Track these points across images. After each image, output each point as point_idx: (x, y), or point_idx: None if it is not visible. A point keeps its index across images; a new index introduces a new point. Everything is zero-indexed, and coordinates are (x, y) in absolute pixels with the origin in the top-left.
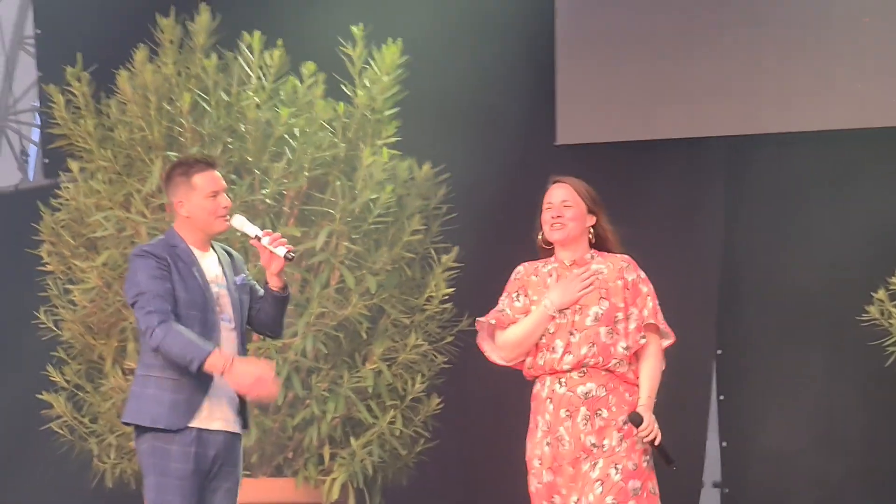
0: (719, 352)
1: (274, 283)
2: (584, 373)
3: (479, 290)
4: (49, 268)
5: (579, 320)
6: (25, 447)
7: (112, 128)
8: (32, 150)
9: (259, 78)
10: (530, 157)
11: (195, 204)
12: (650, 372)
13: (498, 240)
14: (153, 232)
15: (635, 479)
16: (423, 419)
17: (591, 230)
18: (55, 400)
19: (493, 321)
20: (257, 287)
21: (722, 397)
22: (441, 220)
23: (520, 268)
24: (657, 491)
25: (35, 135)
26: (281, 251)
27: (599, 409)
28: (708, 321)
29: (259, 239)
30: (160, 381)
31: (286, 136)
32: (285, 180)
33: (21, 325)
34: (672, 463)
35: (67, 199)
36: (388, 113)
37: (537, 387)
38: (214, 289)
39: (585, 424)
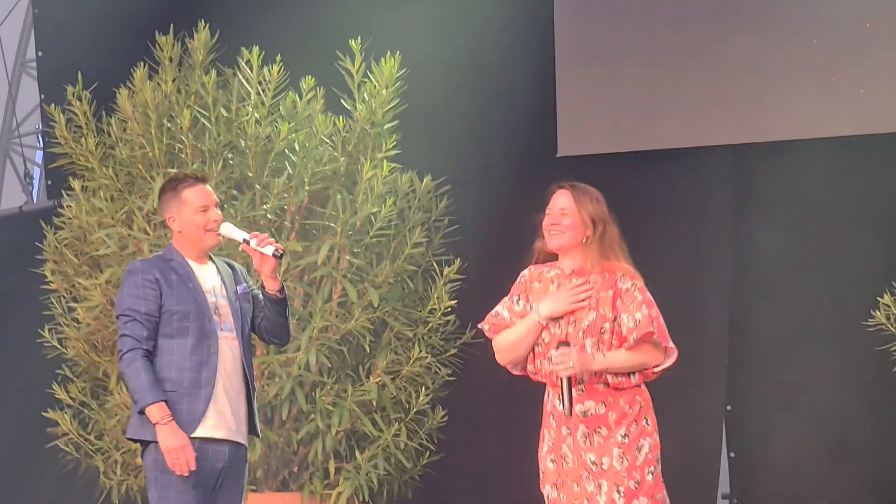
0: (726, 361)
1: (270, 286)
2: (583, 390)
3: (482, 301)
4: (53, 286)
5: (572, 332)
6: (32, 465)
7: (113, 146)
8: (36, 172)
9: (258, 93)
10: (532, 168)
11: (185, 218)
12: (627, 351)
13: (500, 251)
14: (155, 249)
15: (639, 498)
16: (428, 432)
17: (592, 239)
18: (61, 417)
19: (486, 327)
20: (260, 297)
21: (729, 407)
22: (443, 232)
23: (525, 271)
24: (668, 501)
25: (39, 157)
26: (269, 250)
27: (599, 427)
28: (717, 331)
29: (248, 243)
30: None
31: (286, 150)
32: (286, 195)
33: (26, 343)
34: (567, 411)
35: (70, 218)
36: (387, 126)
37: (546, 398)
38: (212, 299)
39: (585, 442)
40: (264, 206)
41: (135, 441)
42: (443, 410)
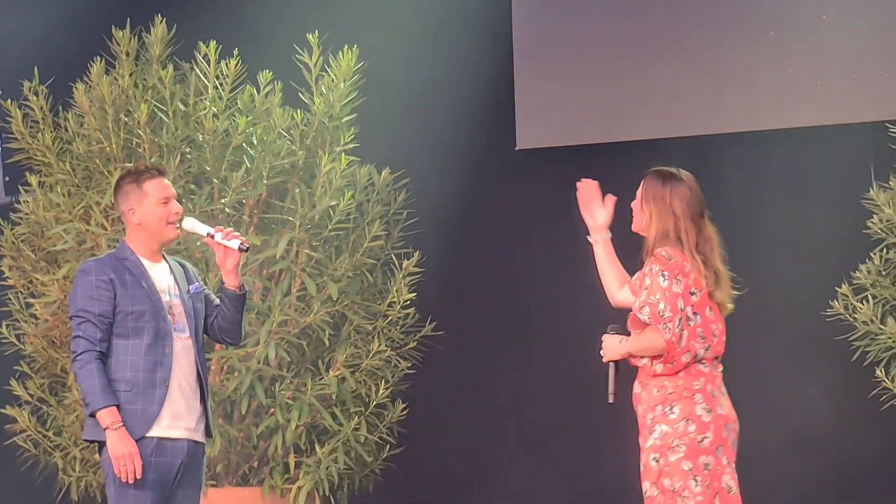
0: None
1: (230, 282)
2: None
3: (442, 294)
4: (10, 282)
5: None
6: None
7: (70, 141)
8: None
9: (216, 87)
10: (490, 161)
11: (146, 210)
12: (634, 336)
13: (459, 244)
14: (113, 244)
15: (643, 483)
16: (389, 425)
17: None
18: (19, 414)
19: None
20: (213, 297)
21: None
22: (402, 225)
23: None
24: (676, 487)
25: None
26: (234, 244)
27: (637, 406)
28: None
29: (212, 236)
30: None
31: (244, 144)
32: (244, 189)
33: None
34: (610, 394)
35: (27, 213)
36: (345, 119)
37: None
38: (166, 298)
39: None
40: (222, 201)
41: (92, 442)
42: (403, 404)
